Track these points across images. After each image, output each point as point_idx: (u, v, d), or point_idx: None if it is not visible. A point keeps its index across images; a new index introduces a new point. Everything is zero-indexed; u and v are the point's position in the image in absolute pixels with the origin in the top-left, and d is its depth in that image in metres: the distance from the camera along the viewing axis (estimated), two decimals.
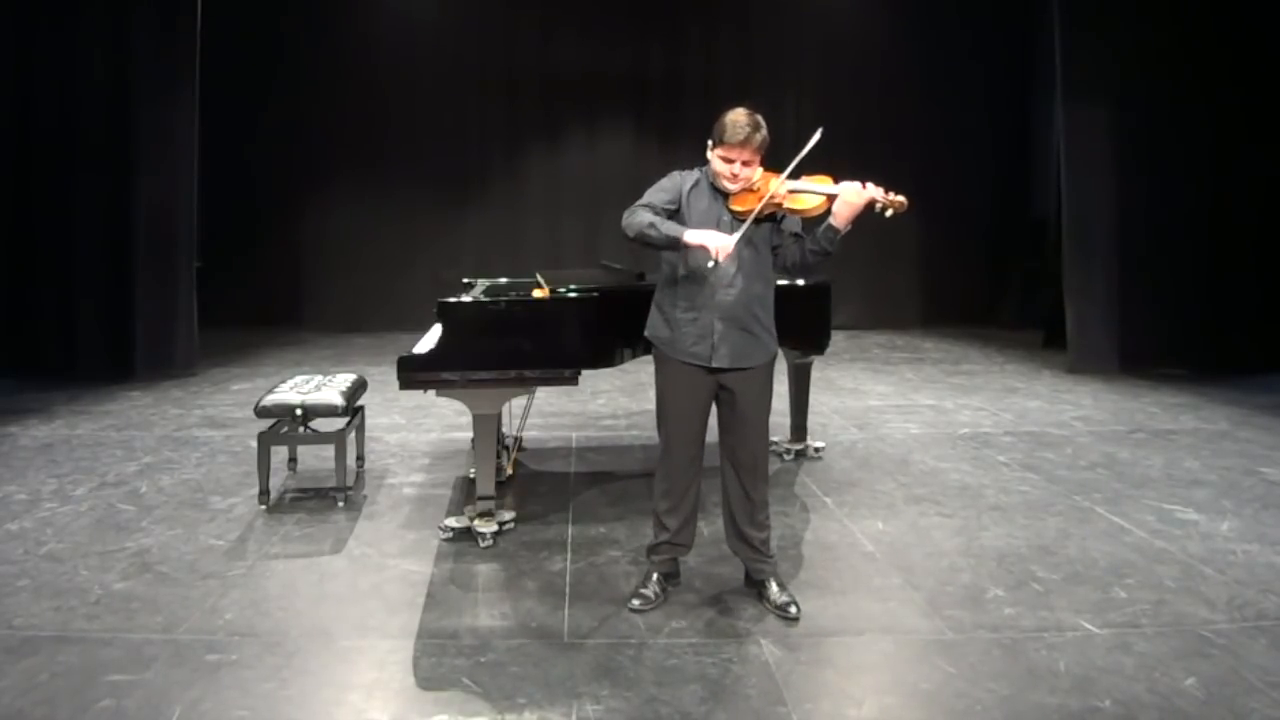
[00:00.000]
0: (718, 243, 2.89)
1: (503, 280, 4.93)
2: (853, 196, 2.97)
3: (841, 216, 3.00)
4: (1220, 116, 7.62)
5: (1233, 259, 7.70)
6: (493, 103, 10.54)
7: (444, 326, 3.73)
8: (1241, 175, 7.66)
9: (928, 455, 5.21)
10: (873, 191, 2.98)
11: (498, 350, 3.71)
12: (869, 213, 3.02)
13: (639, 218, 3.01)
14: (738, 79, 10.25)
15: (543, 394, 6.03)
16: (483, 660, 2.85)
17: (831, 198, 3.01)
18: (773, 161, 3.13)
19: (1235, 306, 7.71)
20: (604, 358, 3.84)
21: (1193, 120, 7.60)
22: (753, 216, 2.99)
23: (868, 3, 10.78)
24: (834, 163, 3.04)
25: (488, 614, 3.19)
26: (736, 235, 2.93)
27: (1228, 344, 7.68)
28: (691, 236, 2.94)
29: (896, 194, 2.99)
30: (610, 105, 10.60)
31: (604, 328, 3.79)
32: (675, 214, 3.09)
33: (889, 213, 3.01)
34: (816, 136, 2.98)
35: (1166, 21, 7.57)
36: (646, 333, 3.26)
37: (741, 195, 3.07)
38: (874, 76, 10.60)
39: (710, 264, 2.91)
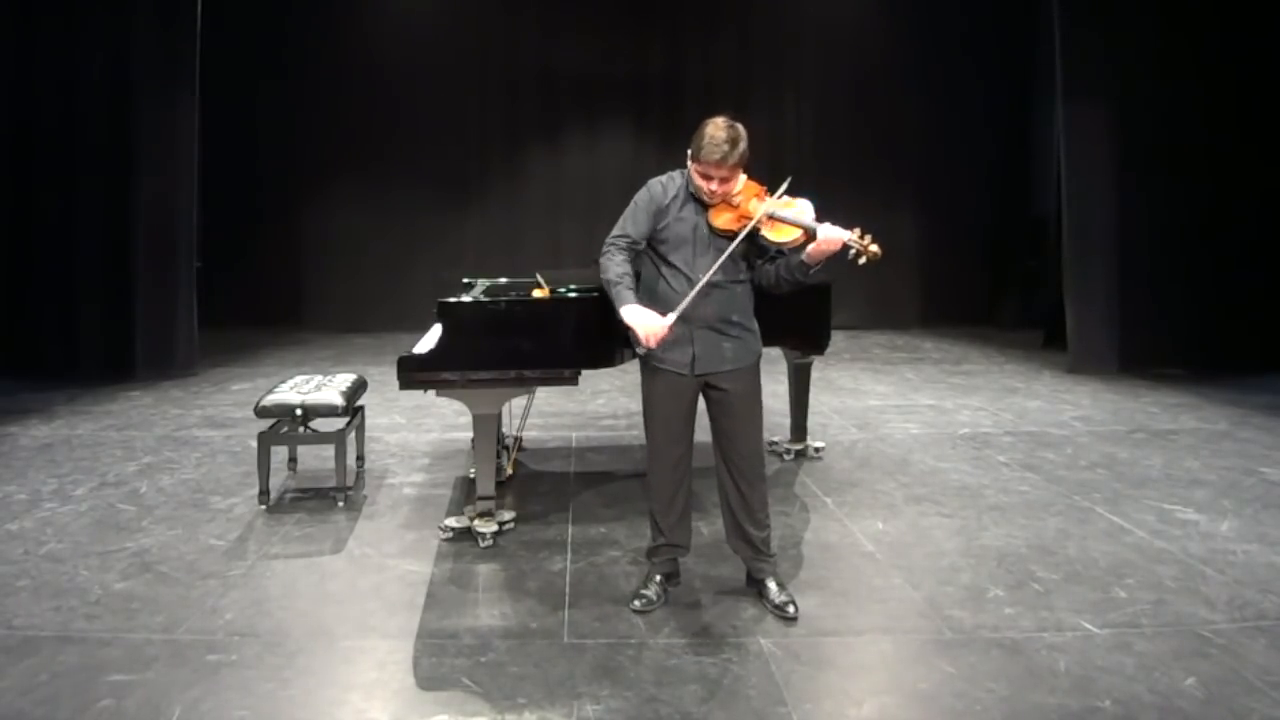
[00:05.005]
0: (648, 329, 2.93)
1: (503, 280, 4.93)
2: (831, 239, 2.95)
3: (815, 256, 2.99)
4: (1220, 116, 7.61)
5: (1232, 259, 7.69)
6: (493, 103, 10.55)
7: (444, 326, 3.72)
8: (1241, 175, 7.66)
9: (928, 455, 5.21)
10: (849, 236, 2.95)
11: (498, 350, 3.71)
12: (843, 256, 3.00)
13: (609, 268, 3.07)
14: (738, 79, 10.24)
15: (543, 394, 6.02)
16: (483, 660, 2.85)
17: (808, 232, 2.98)
18: (757, 172, 3.13)
19: (1235, 306, 7.70)
20: (604, 358, 3.83)
21: (1192, 120, 7.59)
22: (732, 246, 3.00)
23: (868, 3, 10.78)
24: (835, 164, 3.05)
25: (488, 614, 3.19)
26: (670, 318, 2.94)
27: (1228, 344, 7.67)
28: (626, 315, 2.98)
29: (873, 242, 2.95)
30: (610, 105, 10.59)
31: (604, 328, 3.78)
32: (655, 232, 3.12)
33: (862, 260, 2.97)
34: (785, 185, 3.05)
35: (1166, 21, 7.57)
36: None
37: (720, 209, 3.06)
38: (874, 76, 10.59)
39: (640, 350, 2.98)
